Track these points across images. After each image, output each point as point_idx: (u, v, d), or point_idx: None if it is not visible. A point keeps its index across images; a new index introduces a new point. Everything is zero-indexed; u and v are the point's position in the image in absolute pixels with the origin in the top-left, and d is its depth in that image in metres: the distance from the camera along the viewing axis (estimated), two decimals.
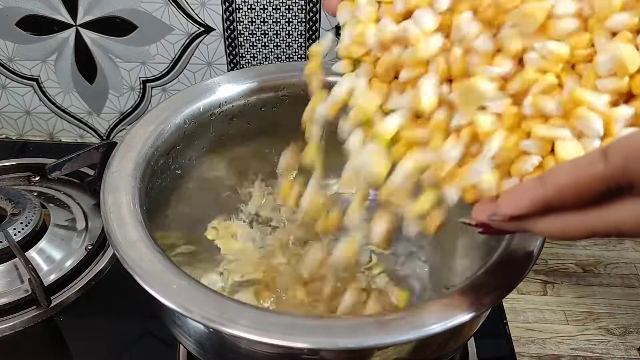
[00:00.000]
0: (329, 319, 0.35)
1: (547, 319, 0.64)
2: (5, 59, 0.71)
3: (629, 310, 0.64)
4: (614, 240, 0.73)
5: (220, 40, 0.67)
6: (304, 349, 0.31)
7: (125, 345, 0.52)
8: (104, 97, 0.74)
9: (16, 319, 0.52)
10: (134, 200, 0.41)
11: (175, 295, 0.34)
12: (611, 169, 0.24)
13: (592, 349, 0.61)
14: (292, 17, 0.65)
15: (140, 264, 0.36)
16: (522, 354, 0.60)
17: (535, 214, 0.27)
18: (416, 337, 0.32)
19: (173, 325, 0.40)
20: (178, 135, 0.48)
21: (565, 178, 0.26)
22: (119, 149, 0.44)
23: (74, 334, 0.53)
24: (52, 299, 0.53)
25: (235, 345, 0.36)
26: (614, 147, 0.25)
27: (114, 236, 0.38)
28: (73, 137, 0.79)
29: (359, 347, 0.32)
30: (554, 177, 0.26)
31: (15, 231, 0.56)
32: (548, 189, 0.26)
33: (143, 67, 0.70)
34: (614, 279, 0.68)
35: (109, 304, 0.55)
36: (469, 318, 0.33)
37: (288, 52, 0.68)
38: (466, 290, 0.35)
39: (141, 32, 0.67)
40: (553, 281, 0.68)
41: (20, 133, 0.79)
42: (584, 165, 0.26)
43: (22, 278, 0.55)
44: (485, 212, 0.29)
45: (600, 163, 0.25)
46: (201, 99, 0.50)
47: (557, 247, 0.72)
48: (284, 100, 0.53)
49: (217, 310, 0.33)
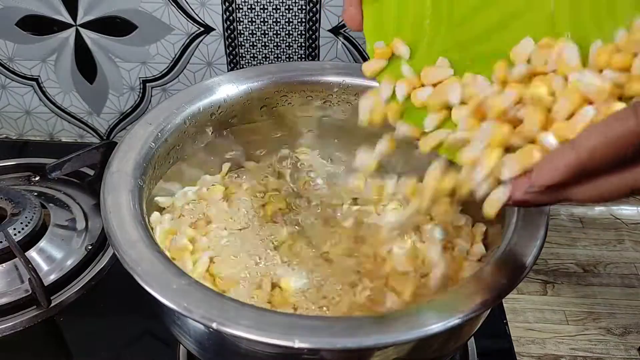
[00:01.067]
0: (329, 319, 0.35)
1: (547, 319, 0.64)
2: (5, 59, 0.71)
3: (629, 310, 0.64)
4: (614, 240, 0.73)
5: (220, 40, 0.68)
6: (304, 349, 0.31)
7: (125, 345, 0.52)
8: (104, 97, 0.74)
9: (16, 319, 0.52)
10: (134, 200, 0.41)
11: (175, 295, 0.34)
12: None
13: (592, 349, 0.61)
14: (292, 17, 0.65)
15: (140, 264, 0.36)
16: (522, 354, 0.60)
17: (571, 180, 0.26)
18: (416, 337, 0.32)
19: (173, 325, 0.40)
20: (178, 135, 0.48)
21: (598, 139, 0.25)
22: (119, 149, 0.44)
23: (74, 334, 0.53)
24: (52, 299, 0.53)
25: (235, 345, 0.36)
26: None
27: (114, 236, 0.38)
28: (73, 137, 0.79)
29: (359, 347, 0.32)
30: (586, 139, 0.25)
31: (15, 231, 0.56)
32: (581, 152, 0.25)
33: (143, 67, 0.70)
34: (614, 279, 0.68)
35: (109, 304, 0.55)
36: (469, 318, 0.33)
37: (288, 52, 0.68)
38: (466, 290, 0.35)
39: (141, 32, 0.67)
40: (553, 281, 0.68)
41: (20, 133, 0.79)
42: (615, 123, 0.25)
43: (22, 278, 0.55)
44: (521, 188, 0.28)
45: (632, 119, 0.24)
46: (201, 99, 0.50)
47: (557, 247, 0.72)
48: (284, 100, 0.54)
49: (217, 310, 0.33)
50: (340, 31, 0.66)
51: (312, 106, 0.54)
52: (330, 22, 0.66)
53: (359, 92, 0.53)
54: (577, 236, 0.73)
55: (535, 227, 0.39)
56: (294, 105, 0.54)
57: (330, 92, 0.53)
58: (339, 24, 0.66)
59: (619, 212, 0.76)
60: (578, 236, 0.73)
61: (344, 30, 0.66)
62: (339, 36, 0.67)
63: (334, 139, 0.56)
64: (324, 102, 0.54)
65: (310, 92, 0.53)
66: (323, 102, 0.54)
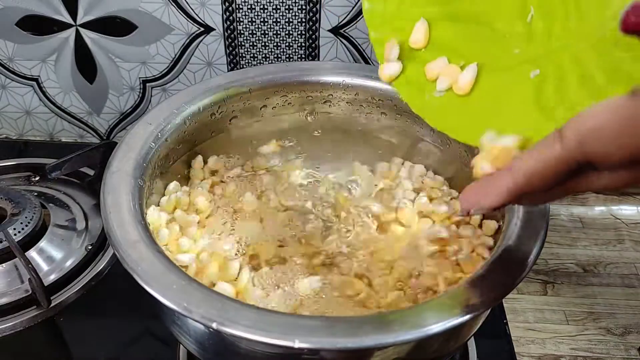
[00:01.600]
0: (329, 319, 0.35)
1: (547, 319, 0.64)
2: (5, 59, 0.71)
3: (629, 310, 0.64)
4: (614, 240, 0.73)
5: (220, 40, 0.67)
6: (304, 349, 0.31)
7: (125, 345, 0.52)
8: (104, 97, 0.74)
9: (16, 319, 0.52)
10: (134, 200, 0.41)
11: (175, 295, 0.34)
12: (567, 148, 0.25)
13: (592, 349, 0.61)
14: (292, 17, 0.65)
15: (140, 264, 0.36)
16: (522, 354, 0.60)
17: (514, 201, 0.29)
18: (416, 337, 0.32)
19: (173, 325, 0.40)
20: (178, 135, 0.48)
21: (531, 164, 0.27)
22: (119, 149, 0.44)
23: (74, 334, 0.53)
24: (52, 299, 0.53)
25: (235, 345, 0.36)
26: (566, 127, 0.26)
27: (114, 236, 0.38)
28: (73, 137, 0.79)
29: (359, 347, 0.32)
30: (520, 165, 0.28)
31: (15, 231, 0.56)
32: (518, 178, 0.27)
33: (143, 67, 0.70)
34: (614, 279, 0.68)
35: (109, 304, 0.55)
36: (469, 318, 0.33)
37: (288, 52, 0.68)
38: (466, 290, 0.35)
39: (141, 32, 0.67)
40: (553, 281, 0.68)
41: (20, 133, 0.79)
42: (544, 148, 0.26)
43: (22, 278, 0.55)
44: (469, 205, 0.31)
45: (556, 144, 0.26)
46: (201, 99, 0.50)
47: (557, 247, 0.72)
48: (284, 100, 0.54)
49: (217, 310, 0.33)
50: (340, 31, 0.66)
51: (312, 106, 0.54)
52: (330, 22, 0.66)
53: (359, 92, 0.53)
54: (577, 236, 0.73)
55: (535, 227, 0.39)
56: (293, 105, 0.54)
57: (330, 92, 0.53)
58: (339, 24, 0.66)
59: (619, 212, 0.76)
60: (578, 236, 0.73)
61: (344, 30, 0.66)
62: (339, 36, 0.67)
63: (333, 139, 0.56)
64: (324, 102, 0.54)
65: (310, 92, 0.53)
66: (323, 102, 0.54)
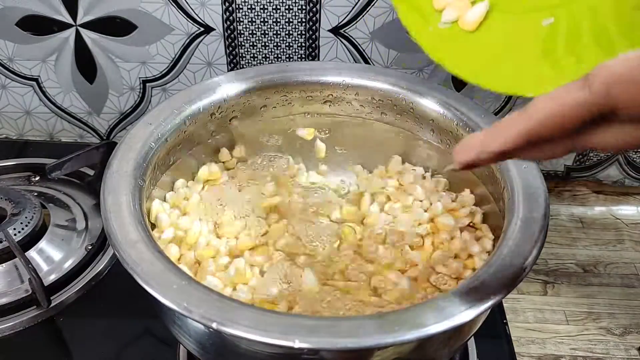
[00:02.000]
0: (329, 319, 0.35)
1: (547, 319, 0.64)
2: (5, 59, 0.71)
3: (629, 310, 0.64)
4: (614, 240, 0.73)
5: (220, 40, 0.67)
6: (304, 349, 0.31)
7: (125, 345, 0.52)
8: (104, 97, 0.74)
9: (16, 319, 0.52)
10: (134, 200, 0.41)
11: (175, 295, 0.34)
12: (593, 95, 0.24)
13: (592, 349, 0.61)
14: (292, 17, 0.65)
15: (140, 264, 0.36)
16: (522, 354, 0.60)
17: (521, 147, 0.27)
18: (416, 337, 0.32)
19: (173, 325, 0.40)
20: (178, 135, 0.48)
21: (548, 108, 0.26)
22: (119, 149, 0.44)
23: (74, 334, 0.53)
24: (52, 299, 0.53)
25: (235, 345, 0.36)
26: (595, 73, 0.25)
27: (114, 236, 0.38)
28: (73, 137, 0.79)
29: (359, 347, 0.32)
30: (537, 108, 0.26)
31: (15, 231, 0.56)
32: (532, 121, 0.26)
33: (143, 67, 0.70)
34: (614, 279, 0.68)
35: (109, 304, 0.55)
36: (469, 318, 0.33)
37: (288, 52, 0.68)
38: (466, 290, 0.35)
39: (141, 32, 0.67)
40: (553, 281, 0.68)
41: (20, 133, 0.79)
42: (566, 94, 0.25)
43: (22, 278, 0.55)
44: (470, 152, 0.29)
45: (582, 90, 0.25)
46: (201, 99, 0.50)
47: (557, 247, 0.72)
48: (284, 100, 0.53)
49: (217, 310, 0.33)
50: (340, 31, 0.66)
51: (312, 106, 0.54)
52: (330, 22, 0.66)
53: (359, 92, 0.53)
54: (577, 236, 0.73)
55: (535, 227, 0.39)
56: (294, 105, 0.54)
57: (330, 92, 0.53)
58: (339, 24, 0.66)
59: (619, 212, 0.76)
60: (578, 236, 0.73)
61: (344, 30, 0.66)
62: (338, 36, 0.67)
63: (334, 138, 0.56)
64: (324, 102, 0.54)
65: (310, 92, 0.53)
66: (323, 102, 0.54)
